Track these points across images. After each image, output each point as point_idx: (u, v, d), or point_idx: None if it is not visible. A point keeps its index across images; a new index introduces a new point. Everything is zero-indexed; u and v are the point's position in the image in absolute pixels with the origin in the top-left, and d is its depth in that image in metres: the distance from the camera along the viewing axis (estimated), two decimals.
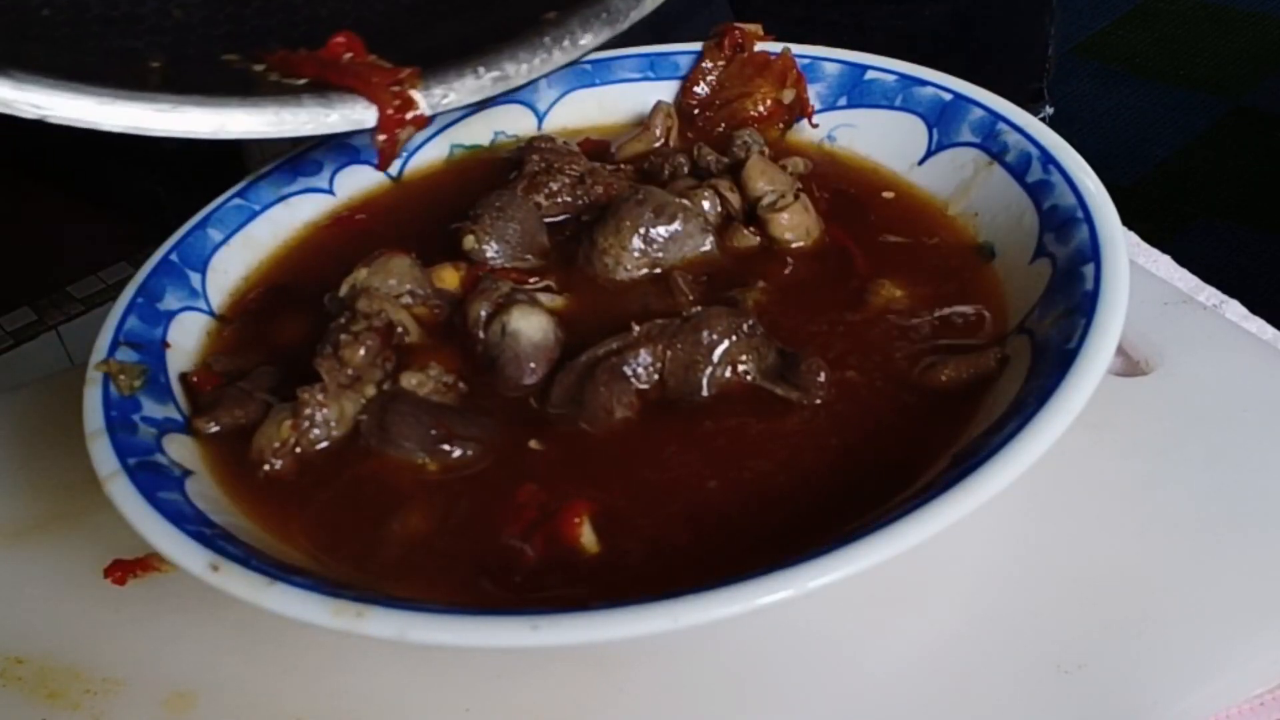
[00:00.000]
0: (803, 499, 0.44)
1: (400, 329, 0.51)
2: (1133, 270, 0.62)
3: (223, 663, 0.47)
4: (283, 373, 0.51)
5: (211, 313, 0.57)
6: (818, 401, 0.47)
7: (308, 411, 0.48)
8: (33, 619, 0.50)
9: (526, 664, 0.46)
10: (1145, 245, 0.67)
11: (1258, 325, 0.61)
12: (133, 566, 0.51)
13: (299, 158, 0.63)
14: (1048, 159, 0.53)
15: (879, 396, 0.48)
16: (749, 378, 0.48)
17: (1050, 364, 0.44)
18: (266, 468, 0.48)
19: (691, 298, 0.53)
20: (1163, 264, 0.65)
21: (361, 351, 0.49)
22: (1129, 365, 0.58)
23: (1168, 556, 0.48)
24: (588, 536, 0.44)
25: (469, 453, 0.47)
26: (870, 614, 0.47)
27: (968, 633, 0.46)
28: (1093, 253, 0.48)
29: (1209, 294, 0.63)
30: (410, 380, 0.49)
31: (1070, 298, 0.47)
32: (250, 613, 0.48)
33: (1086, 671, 0.44)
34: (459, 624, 0.38)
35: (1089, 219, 0.49)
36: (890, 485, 0.43)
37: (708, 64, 0.65)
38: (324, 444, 0.48)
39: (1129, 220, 0.67)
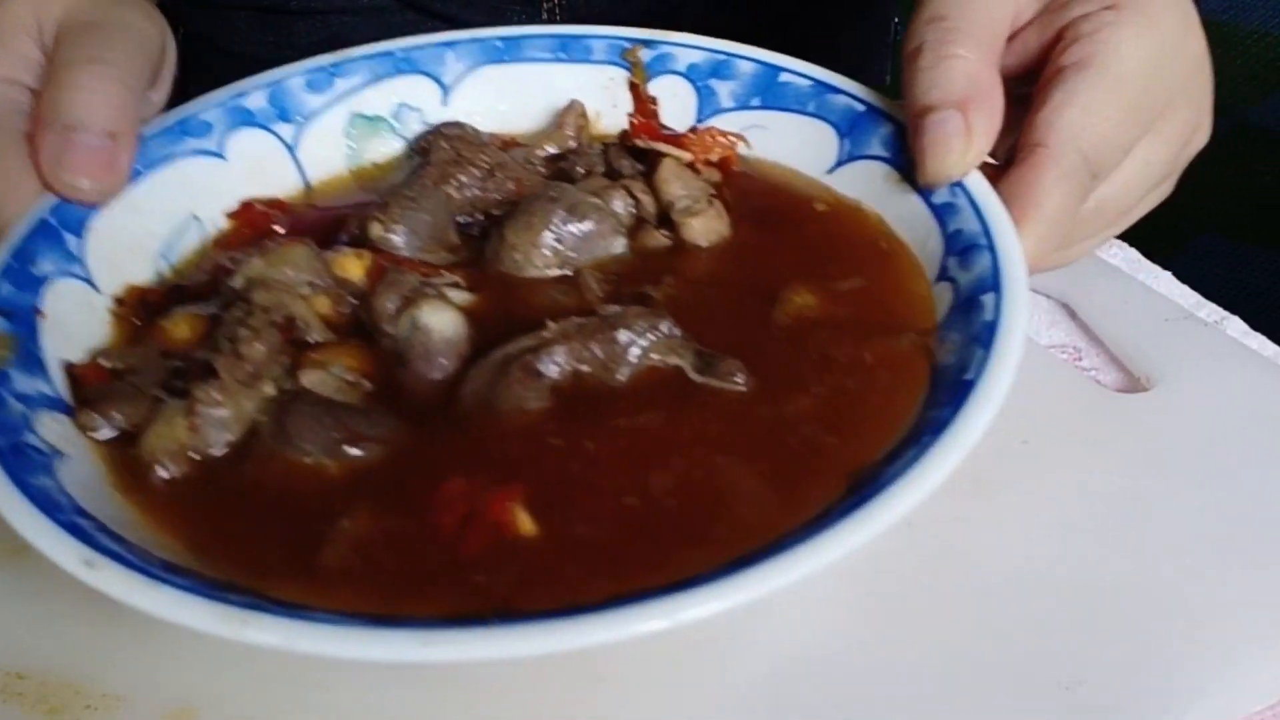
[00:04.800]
0: (730, 491, 0.44)
1: (301, 323, 0.49)
2: (1134, 286, 0.63)
3: (223, 678, 0.47)
4: (174, 367, 0.48)
5: (94, 285, 0.53)
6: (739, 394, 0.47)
7: (203, 410, 0.45)
8: (33, 635, 0.50)
9: (534, 681, 0.46)
10: (1146, 261, 0.67)
11: (1259, 342, 0.61)
12: None
13: (188, 118, 0.59)
14: (956, 181, 0.51)
15: (797, 392, 0.47)
16: (668, 364, 0.47)
17: (947, 393, 0.44)
18: (160, 471, 0.45)
19: (601, 296, 0.52)
20: (1164, 280, 0.65)
21: (261, 348, 0.47)
22: (1130, 381, 0.58)
23: (1168, 572, 0.48)
24: (523, 520, 0.42)
25: (373, 454, 0.45)
26: (869, 629, 0.47)
27: (968, 648, 0.46)
28: (993, 282, 0.47)
29: (1210, 310, 0.63)
30: (311, 378, 0.47)
31: (970, 326, 0.46)
32: None
33: (1086, 688, 0.44)
34: (348, 635, 0.37)
35: (992, 247, 0.48)
36: (816, 475, 0.43)
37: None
38: (220, 446, 0.46)
39: (1130, 236, 0.68)
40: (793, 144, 0.59)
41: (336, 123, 0.63)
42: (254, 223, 0.59)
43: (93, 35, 0.54)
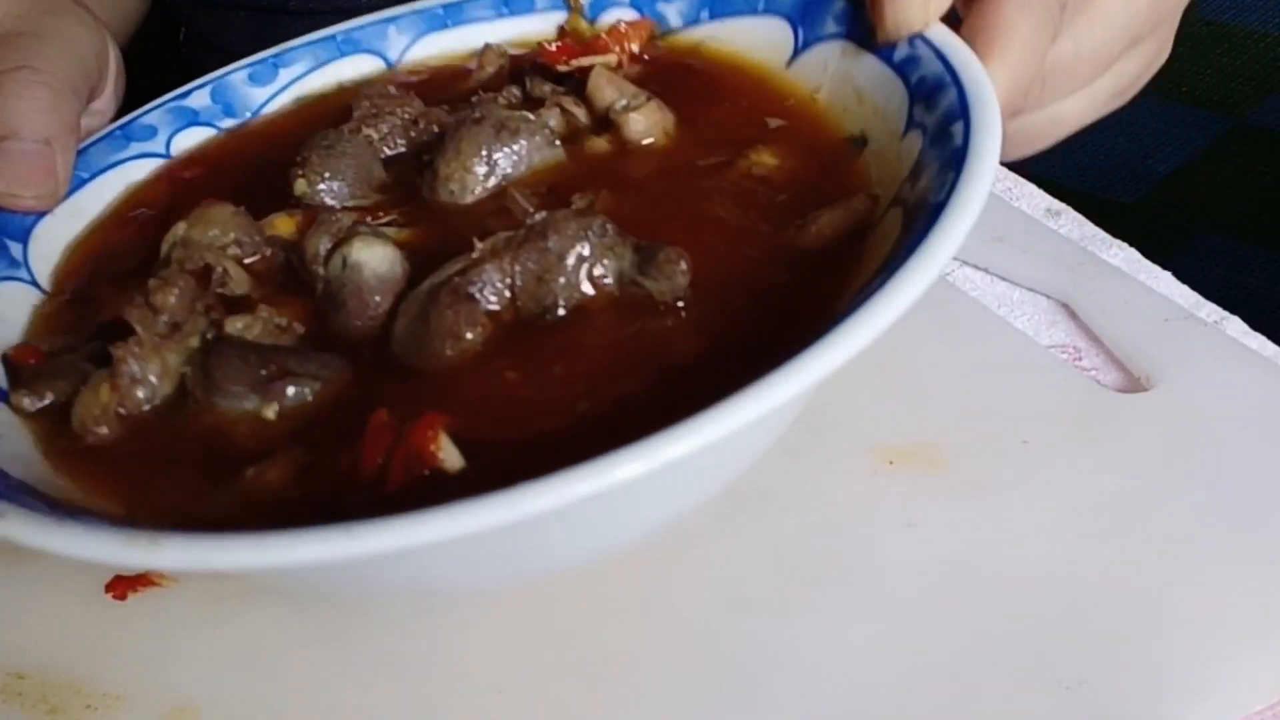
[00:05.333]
0: (680, 399, 0.39)
1: (221, 270, 0.48)
2: (1133, 286, 0.63)
3: (224, 677, 0.47)
4: (106, 343, 0.47)
5: (38, 286, 0.53)
6: (680, 293, 0.44)
7: (125, 368, 0.44)
8: (34, 634, 0.50)
9: (533, 678, 0.46)
10: (1146, 261, 0.67)
11: (1259, 342, 0.61)
12: (134, 582, 0.51)
13: (131, 122, 0.59)
14: (915, 34, 0.49)
15: (750, 270, 0.45)
16: (606, 282, 0.45)
17: (919, 219, 0.42)
18: (90, 437, 0.44)
19: (531, 209, 0.49)
20: (1163, 280, 0.65)
21: (174, 294, 0.45)
22: (1129, 381, 0.58)
23: (1168, 572, 0.48)
24: (449, 453, 0.39)
25: (308, 391, 0.43)
26: (868, 628, 0.47)
27: (968, 648, 0.46)
28: (961, 111, 0.45)
29: (1210, 310, 0.63)
30: (236, 325, 0.45)
31: (940, 157, 0.44)
32: (252, 627, 0.49)
33: (1088, 687, 0.44)
34: (267, 543, 0.35)
35: (956, 81, 0.46)
36: (796, 328, 0.40)
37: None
38: (148, 404, 0.44)
39: (1130, 236, 0.68)
40: (749, 47, 0.58)
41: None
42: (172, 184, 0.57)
43: (22, 44, 0.54)
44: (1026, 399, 0.55)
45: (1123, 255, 0.67)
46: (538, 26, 0.63)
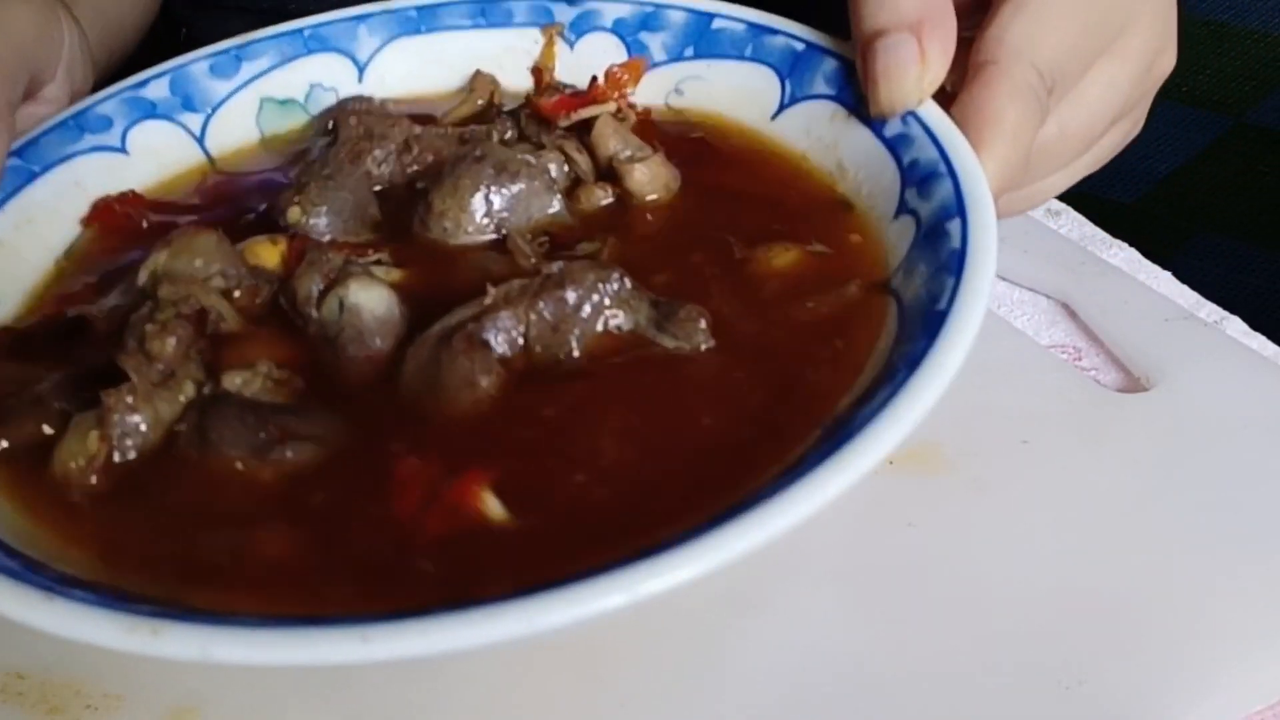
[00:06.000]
0: (701, 452, 0.41)
1: (214, 315, 0.46)
2: (1133, 286, 0.63)
3: (224, 678, 0.47)
4: (74, 377, 0.45)
5: None
6: (702, 349, 0.44)
7: (116, 418, 0.41)
8: (33, 634, 0.50)
9: (533, 677, 0.46)
10: (1146, 261, 0.67)
11: (1259, 342, 0.61)
12: None
13: (84, 111, 0.56)
14: (907, 110, 0.49)
15: (760, 339, 0.45)
16: (621, 334, 0.44)
17: (919, 326, 0.41)
18: (78, 493, 0.41)
19: (534, 259, 0.48)
20: (1163, 280, 0.65)
21: (171, 342, 0.43)
22: (1129, 381, 0.58)
23: (1168, 572, 0.48)
24: (492, 506, 0.39)
25: (307, 453, 0.41)
26: (868, 629, 0.47)
27: (967, 648, 0.46)
28: (958, 208, 0.44)
29: (1210, 310, 0.63)
30: (234, 380, 0.43)
31: (936, 256, 0.44)
32: None
33: (1087, 688, 0.44)
34: (277, 638, 0.33)
35: (952, 173, 0.46)
36: (788, 426, 0.41)
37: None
38: (134, 453, 0.42)
39: (1130, 236, 0.68)
40: (732, 92, 0.57)
41: (247, 109, 0.60)
42: (113, 225, 0.55)
43: None
44: (1026, 399, 0.55)
45: (1123, 255, 0.67)
46: (514, 41, 0.61)
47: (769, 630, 0.47)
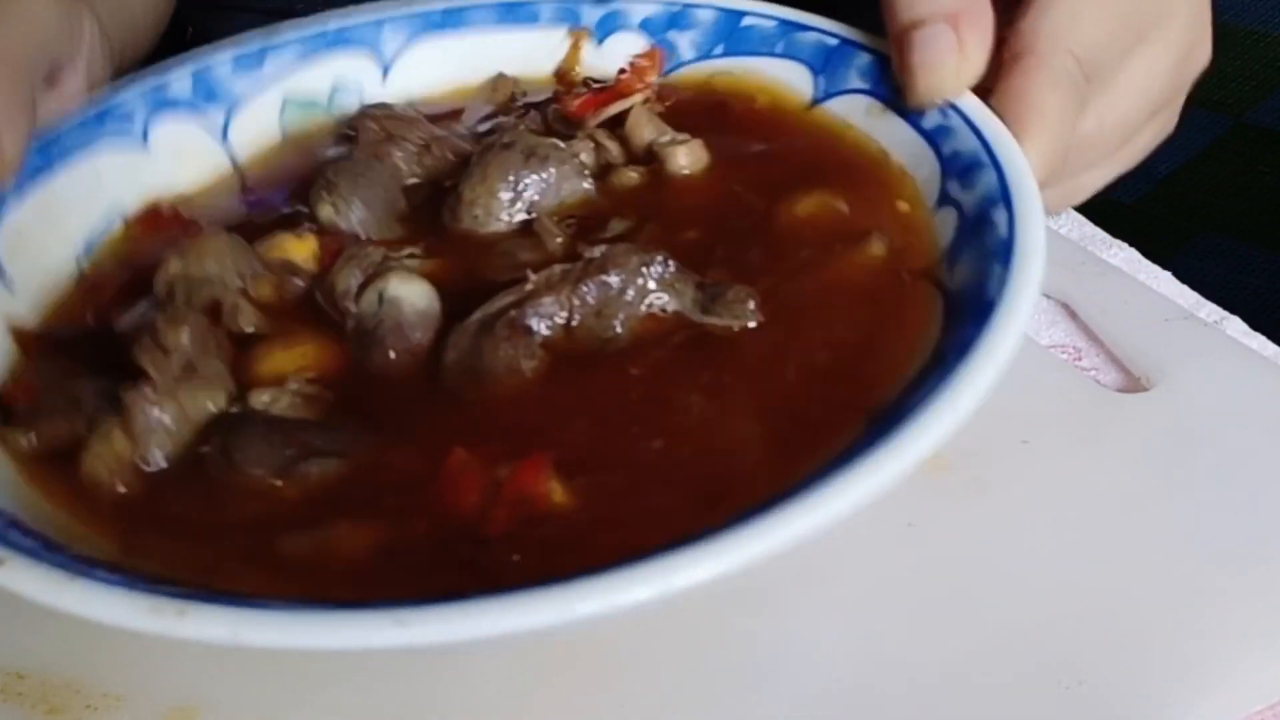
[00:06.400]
0: (754, 435, 0.41)
1: (228, 310, 0.46)
2: (1133, 286, 0.63)
3: (224, 677, 0.47)
4: (120, 383, 0.43)
5: (6, 284, 0.50)
6: (750, 326, 0.44)
7: (139, 414, 0.41)
8: (33, 634, 0.50)
9: (532, 677, 0.46)
10: (1146, 261, 0.67)
11: (1259, 342, 0.61)
12: None
13: (105, 104, 0.56)
14: (946, 102, 0.48)
15: (818, 309, 0.45)
16: (666, 312, 0.44)
17: (968, 316, 0.41)
18: (106, 491, 0.41)
19: (561, 239, 0.48)
20: (1163, 280, 0.65)
21: (185, 332, 0.43)
22: (1129, 381, 0.58)
23: (1168, 572, 0.48)
24: (556, 489, 0.38)
25: (329, 468, 0.41)
26: (868, 628, 0.47)
27: (967, 648, 0.46)
28: (1003, 195, 0.44)
29: (1210, 310, 0.63)
30: (262, 398, 0.43)
31: (983, 245, 0.43)
32: None
33: (1087, 687, 0.44)
34: (310, 621, 0.32)
35: (995, 162, 0.45)
36: (841, 407, 0.40)
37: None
38: (162, 457, 0.41)
39: (1131, 236, 0.68)
40: (765, 88, 0.56)
41: (270, 107, 0.60)
42: (153, 228, 0.55)
43: None
44: (1026, 399, 0.55)
45: (1123, 255, 0.67)
46: (539, 41, 0.61)
47: (769, 630, 0.47)
